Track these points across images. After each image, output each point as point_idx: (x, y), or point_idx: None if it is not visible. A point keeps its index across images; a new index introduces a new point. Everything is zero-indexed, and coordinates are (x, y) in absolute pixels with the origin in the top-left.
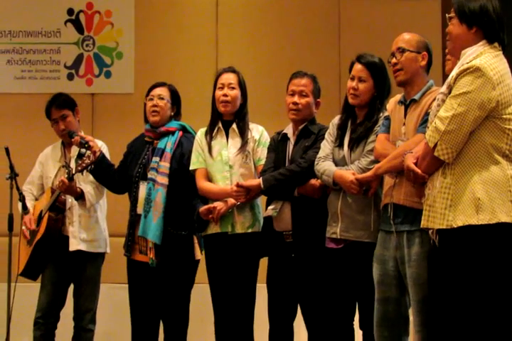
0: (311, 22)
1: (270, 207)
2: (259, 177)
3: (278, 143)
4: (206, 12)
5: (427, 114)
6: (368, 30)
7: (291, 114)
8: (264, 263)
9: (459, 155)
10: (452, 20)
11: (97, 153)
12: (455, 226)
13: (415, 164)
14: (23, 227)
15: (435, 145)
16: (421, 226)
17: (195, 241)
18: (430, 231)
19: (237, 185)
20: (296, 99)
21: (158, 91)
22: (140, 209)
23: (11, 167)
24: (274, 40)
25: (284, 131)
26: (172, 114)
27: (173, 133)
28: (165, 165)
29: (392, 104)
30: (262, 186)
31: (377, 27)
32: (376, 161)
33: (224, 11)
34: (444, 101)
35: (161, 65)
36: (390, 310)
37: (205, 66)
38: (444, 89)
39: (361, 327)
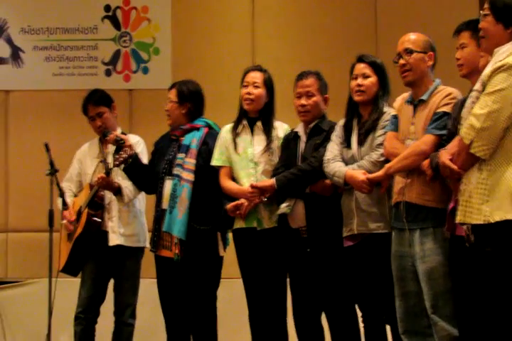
0: (348, 15)
1: (283, 205)
2: (271, 177)
3: (289, 141)
4: (242, 7)
5: (435, 113)
6: (405, 23)
7: (300, 116)
8: None
9: (494, 150)
10: (487, 18)
11: (132, 152)
12: (492, 222)
13: (451, 160)
14: (64, 221)
15: (471, 142)
16: (456, 221)
17: (219, 237)
18: (465, 227)
19: (252, 186)
20: (303, 101)
21: (168, 94)
22: (165, 205)
23: (51, 163)
24: (311, 35)
25: (296, 129)
26: (183, 112)
27: (198, 129)
28: (190, 162)
29: (399, 102)
30: (276, 186)
31: (415, 19)
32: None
33: (260, 5)
34: (477, 98)
35: (197, 60)
36: (412, 304)
37: (242, 61)
38: (477, 86)
39: (387, 322)
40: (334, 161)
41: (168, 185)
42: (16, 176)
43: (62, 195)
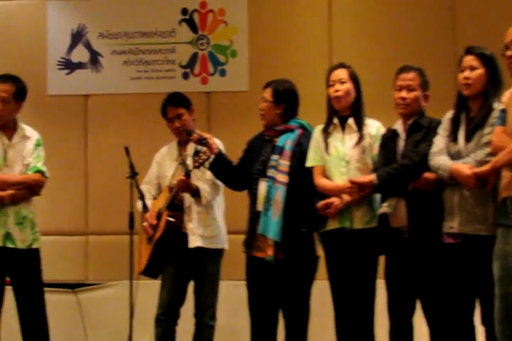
0: (425, 15)
1: (385, 204)
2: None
3: (388, 139)
4: (319, 8)
5: None
6: (484, 23)
7: (399, 109)
8: (381, 258)
9: None
10: None
11: (215, 150)
12: None
13: None
14: (145, 223)
15: None
16: None
17: (316, 237)
18: None
19: (350, 181)
20: (403, 93)
21: (263, 93)
22: (260, 206)
23: (131, 166)
24: (388, 34)
25: (394, 127)
26: (278, 112)
27: (292, 130)
28: (284, 163)
29: (507, 96)
30: (376, 182)
31: (494, 19)
32: (493, 154)
33: (337, 6)
34: None
35: (275, 62)
36: None
37: (319, 62)
38: None
39: (483, 323)
40: (439, 155)
41: (262, 186)
42: (96, 179)
43: (142, 197)
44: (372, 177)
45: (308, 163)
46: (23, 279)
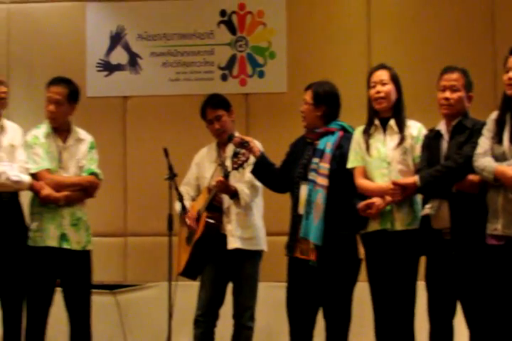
0: (464, 16)
1: (427, 206)
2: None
3: (431, 140)
4: (358, 9)
5: None
6: None
7: (443, 109)
8: (421, 260)
9: None
10: None
11: (257, 153)
12: None
13: None
14: (188, 221)
15: None
16: None
17: (358, 240)
18: None
19: (393, 183)
20: (447, 94)
21: (304, 95)
22: (301, 210)
23: (170, 167)
24: (427, 36)
25: (437, 128)
26: (319, 114)
27: (332, 133)
28: (324, 166)
29: None
30: (419, 183)
31: None
32: None
33: (376, 8)
34: None
35: (313, 63)
36: None
37: (358, 63)
38: None
39: None
40: (484, 156)
41: (303, 190)
42: (135, 181)
43: (180, 199)
44: (415, 178)
45: (350, 165)
46: (75, 281)
